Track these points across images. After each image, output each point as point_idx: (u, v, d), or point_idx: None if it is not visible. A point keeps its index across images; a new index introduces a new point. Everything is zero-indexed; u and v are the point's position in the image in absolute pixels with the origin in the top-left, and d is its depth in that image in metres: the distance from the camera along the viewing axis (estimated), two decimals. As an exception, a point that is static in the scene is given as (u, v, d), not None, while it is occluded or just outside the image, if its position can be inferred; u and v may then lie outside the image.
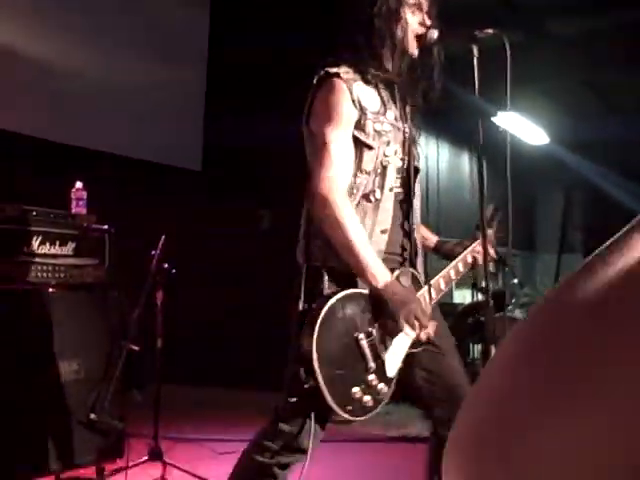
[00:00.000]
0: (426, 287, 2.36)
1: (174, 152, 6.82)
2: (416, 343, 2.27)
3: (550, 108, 9.71)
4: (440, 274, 2.43)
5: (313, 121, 2.30)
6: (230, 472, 2.35)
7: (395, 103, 2.41)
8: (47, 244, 3.72)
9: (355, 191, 2.28)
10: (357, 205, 2.28)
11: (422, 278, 2.41)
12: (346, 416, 2.08)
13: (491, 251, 2.53)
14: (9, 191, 4.56)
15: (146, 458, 3.94)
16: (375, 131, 2.29)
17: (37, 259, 3.67)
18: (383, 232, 2.34)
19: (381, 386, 2.16)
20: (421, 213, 2.50)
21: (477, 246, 2.52)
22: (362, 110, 2.27)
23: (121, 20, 6.34)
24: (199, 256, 6.43)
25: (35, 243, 3.68)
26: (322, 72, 2.30)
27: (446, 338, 2.45)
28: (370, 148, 2.29)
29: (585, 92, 9.40)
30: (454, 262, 2.47)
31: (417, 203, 2.48)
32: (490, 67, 2.25)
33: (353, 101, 2.26)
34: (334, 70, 2.29)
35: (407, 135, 2.44)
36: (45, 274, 3.70)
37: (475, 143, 2.27)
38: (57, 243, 3.77)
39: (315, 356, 2.03)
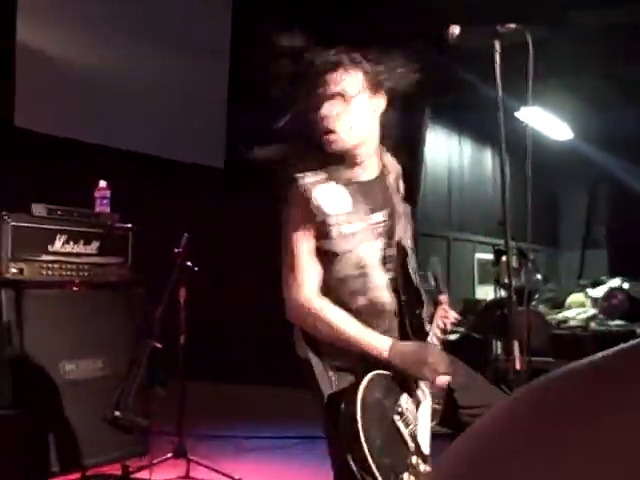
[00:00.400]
0: (431, 334, 2.32)
1: (197, 150, 6.85)
2: (434, 414, 2.23)
3: (574, 103, 9.62)
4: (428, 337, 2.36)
5: (283, 228, 2.29)
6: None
7: (372, 197, 2.31)
8: (71, 243, 3.76)
9: (343, 297, 2.22)
10: (349, 311, 2.20)
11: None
12: None
13: (452, 315, 2.48)
14: (34, 190, 4.61)
15: (170, 455, 3.97)
16: (345, 234, 2.21)
17: (61, 257, 3.71)
18: (388, 329, 2.26)
19: (423, 467, 2.11)
20: (444, 209, 2.48)
21: (440, 312, 2.46)
22: (325, 216, 2.20)
23: (141, 17, 6.37)
24: (222, 254, 6.45)
25: (59, 242, 3.72)
26: (289, 177, 2.27)
27: (462, 370, 2.42)
28: (341, 254, 2.21)
29: (609, 86, 9.32)
30: (432, 327, 2.39)
31: (415, 284, 2.38)
32: (513, 62, 2.24)
33: (312, 209, 2.20)
34: (297, 175, 2.25)
35: (390, 224, 2.34)
36: (70, 272, 3.75)
37: (497, 139, 2.25)
38: (81, 242, 3.81)
39: (367, 452, 1.96)
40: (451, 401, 2.28)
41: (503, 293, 6.92)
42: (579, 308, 8.11)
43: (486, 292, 9.43)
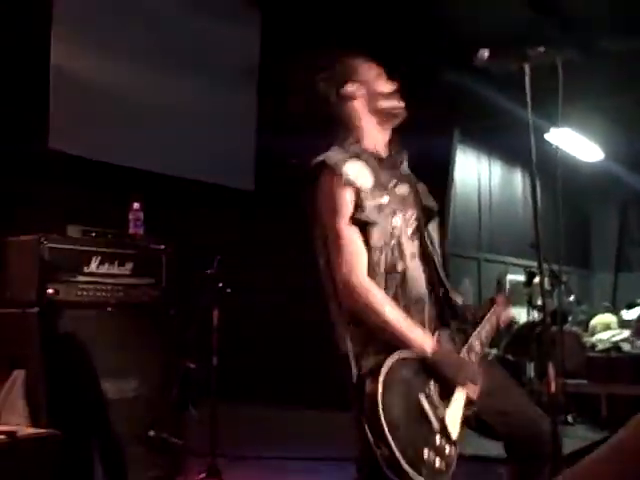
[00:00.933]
0: (466, 347, 2.33)
1: (227, 172, 6.91)
2: (469, 403, 2.25)
3: (604, 124, 9.58)
4: (472, 336, 2.38)
5: (320, 215, 2.34)
6: None
7: (391, 171, 2.43)
8: (106, 264, 3.82)
9: (376, 268, 2.28)
10: (383, 281, 2.28)
11: (457, 335, 2.37)
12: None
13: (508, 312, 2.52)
14: (70, 212, 4.68)
15: (204, 476, 3.99)
16: (374, 207, 2.30)
17: (96, 278, 3.76)
18: (417, 302, 2.33)
19: (448, 448, 2.12)
20: (474, 230, 2.49)
21: (497, 309, 2.51)
22: (357, 190, 2.29)
23: (174, 40, 6.47)
24: (253, 275, 6.49)
25: (94, 263, 3.77)
26: (315, 161, 2.34)
27: (499, 375, 2.44)
28: (376, 224, 2.29)
29: (638, 107, 9.27)
30: (483, 324, 2.43)
31: (438, 254, 2.45)
32: (543, 84, 2.25)
33: (346, 185, 2.28)
34: (321, 158, 2.33)
35: (414, 195, 2.44)
36: (104, 293, 3.79)
37: (527, 160, 2.26)
38: (115, 263, 3.86)
39: (384, 422, 1.98)
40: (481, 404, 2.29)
41: (535, 315, 6.88)
42: (610, 330, 8.03)
43: (518, 314, 9.36)
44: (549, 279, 7.32)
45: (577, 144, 9.78)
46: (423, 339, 2.20)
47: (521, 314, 8.76)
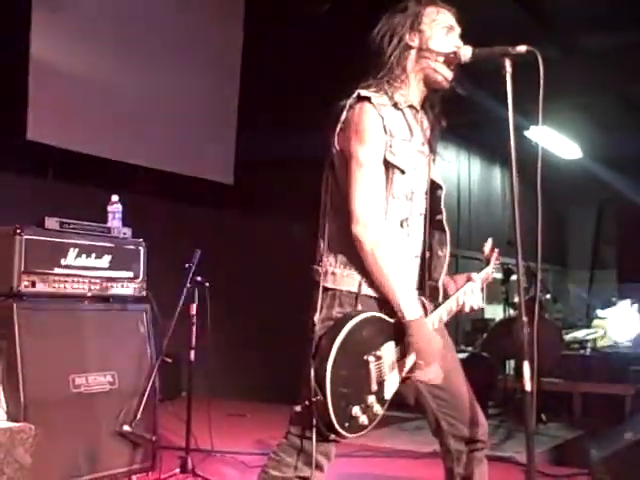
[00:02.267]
0: (433, 316, 2.38)
1: (207, 165, 6.89)
2: (413, 368, 2.30)
3: (584, 123, 9.66)
4: (441, 307, 2.43)
5: (346, 143, 2.30)
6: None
7: (420, 128, 2.44)
8: (83, 256, 3.79)
9: (389, 217, 2.30)
10: (393, 231, 2.31)
11: (429, 306, 2.43)
12: (342, 432, 2.14)
13: (478, 298, 2.54)
14: (48, 204, 4.64)
15: (178, 470, 3.97)
16: (404, 156, 2.32)
17: (74, 271, 3.73)
18: (416, 257, 2.41)
19: (377, 407, 2.21)
20: (452, 227, 2.51)
21: (467, 292, 2.51)
22: (391, 136, 2.29)
23: (155, 34, 6.43)
24: (232, 269, 6.47)
25: (72, 255, 3.74)
26: (354, 95, 2.32)
27: (450, 355, 2.46)
28: (402, 172, 2.31)
29: (618, 107, 9.34)
30: (450, 300, 2.46)
31: (444, 222, 2.49)
32: (524, 81, 2.26)
33: (384, 127, 2.28)
34: (365, 94, 2.30)
35: (431, 158, 2.47)
36: (81, 286, 3.76)
37: (507, 157, 2.26)
38: (93, 256, 3.83)
39: (329, 373, 2.09)
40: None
41: (512, 312, 6.92)
42: (585, 329, 8.09)
43: (495, 311, 9.41)
44: (526, 277, 7.37)
45: (556, 142, 9.85)
46: (409, 306, 2.23)
47: (497, 311, 8.82)
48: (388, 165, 2.29)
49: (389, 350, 2.25)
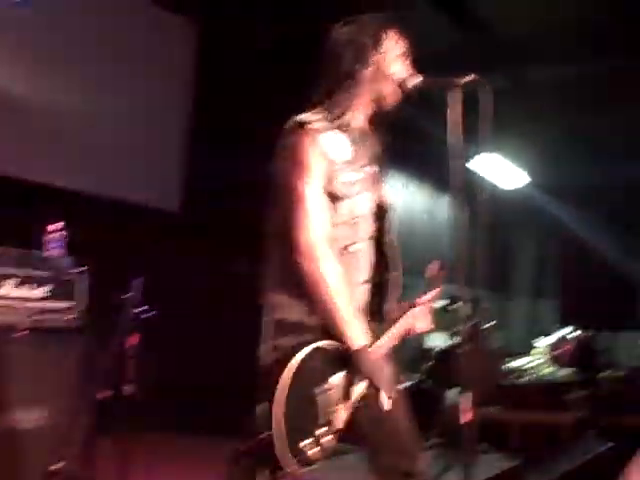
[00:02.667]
0: (381, 341, 2.34)
1: (151, 192, 6.78)
2: (361, 396, 2.28)
3: (531, 152, 9.82)
4: (389, 332, 2.40)
5: (286, 173, 2.28)
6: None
7: (365, 149, 2.42)
8: (21, 287, 3.67)
9: (333, 244, 2.27)
10: (337, 258, 2.27)
11: (377, 332, 2.38)
12: (294, 467, 2.10)
13: (423, 322, 2.53)
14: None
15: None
16: (346, 182, 2.29)
17: (10, 302, 3.61)
18: (364, 283, 2.39)
19: (327, 439, 2.18)
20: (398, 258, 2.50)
21: (415, 315, 2.51)
22: (331, 162, 2.27)
23: (101, 55, 6.32)
24: (175, 299, 6.34)
25: (8, 285, 3.62)
26: (293, 120, 2.30)
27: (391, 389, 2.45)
28: (345, 198, 2.29)
29: (565, 137, 9.53)
30: (394, 328, 2.43)
31: (394, 243, 2.49)
32: (472, 110, 2.25)
33: (323, 154, 2.26)
34: (304, 119, 2.28)
35: (377, 180, 2.46)
36: (18, 317, 3.64)
37: (453, 186, 2.27)
38: (31, 286, 3.72)
39: (277, 408, 2.06)
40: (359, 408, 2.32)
41: (456, 340, 6.93)
42: (524, 357, 8.16)
43: (438, 339, 9.42)
44: (469, 305, 7.41)
45: (503, 170, 9.97)
46: (356, 333, 2.21)
47: (441, 339, 8.84)
48: (329, 193, 2.27)
49: (338, 380, 2.22)
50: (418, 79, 2.34)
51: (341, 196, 2.28)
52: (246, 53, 6.82)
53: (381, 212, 2.45)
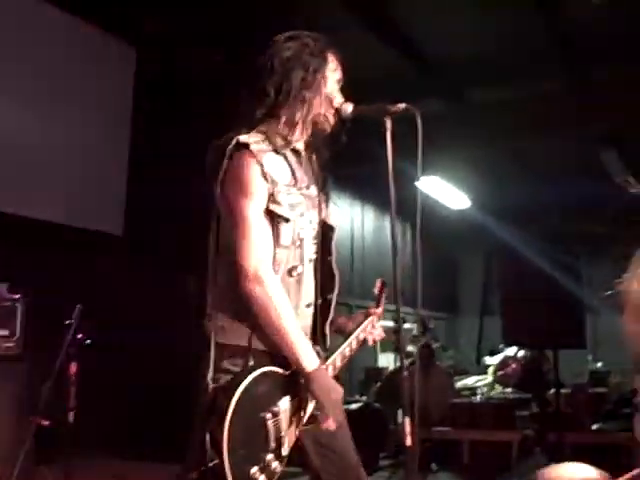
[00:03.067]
0: (328, 362, 2.35)
1: (96, 216, 6.69)
2: (307, 420, 2.27)
3: (472, 174, 9.96)
4: (337, 352, 2.42)
5: (228, 195, 2.25)
6: None
7: (306, 171, 2.41)
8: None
9: (277, 267, 2.25)
10: (281, 281, 2.26)
11: (322, 353, 2.38)
12: None
13: (379, 330, 2.59)
14: None
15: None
16: (288, 204, 2.27)
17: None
18: (308, 306, 2.36)
19: (275, 464, 2.14)
20: (346, 276, 2.52)
21: (368, 325, 2.56)
22: (273, 183, 2.25)
23: (42, 83, 6.25)
24: (120, 324, 6.25)
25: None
26: (234, 141, 2.26)
27: (339, 410, 2.44)
28: (286, 221, 2.27)
29: (505, 159, 9.69)
30: (349, 340, 2.47)
31: (334, 266, 2.47)
32: (415, 133, 2.26)
33: (264, 175, 2.24)
34: (245, 140, 2.25)
35: (319, 201, 2.43)
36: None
37: (399, 207, 2.29)
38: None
39: (225, 436, 2.01)
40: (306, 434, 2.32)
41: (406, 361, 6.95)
42: (473, 376, 8.22)
43: (388, 360, 9.47)
44: (418, 326, 7.45)
45: (446, 192, 10.10)
46: (307, 356, 2.19)
47: (390, 359, 8.88)
48: (272, 215, 2.25)
49: (285, 405, 2.20)
50: (350, 107, 2.34)
51: (284, 218, 2.25)
52: (183, 79, 6.81)
53: (324, 234, 2.43)
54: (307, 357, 2.19)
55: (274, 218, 2.25)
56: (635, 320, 3.20)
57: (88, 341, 3.87)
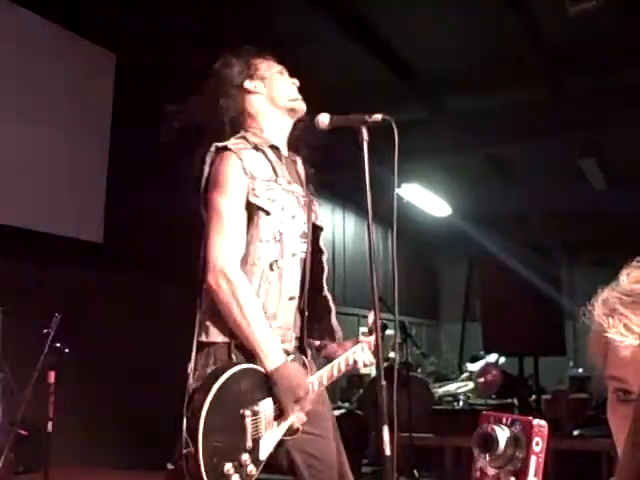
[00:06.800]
0: (314, 377, 2.35)
1: (76, 224, 6.65)
2: (291, 429, 2.26)
3: (453, 181, 10.00)
4: (323, 369, 2.42)
5: (208, 194, 2.31)
6: None
7: (287, 168, 2.47)
8: None
9: (257, 261, 2.28)
10: (262, 275, 2.28)
11: (312, 365, 2.42)
12: None
13: (369, 354, 2.58)
14: None
15: None
16: (268, 198, 2.31)
17: None
18: (291, 299, 2.38)
19: (251, 467, 2.13)
20: (328, 282, 2.54)
21: (358, 349, 2.56)
22: (253, 178, 2.30)
23: (22, 92, 6.21)
24: (100, 332, 6.21)
25: None
26: (212, 148, 2.34)
27: (325, 422, 2.44)
28: (267, 214, 2.30)
29: (485, 166, 9.73)
30: (337, 361, 2.48)
31: (325, 263, 2.55)
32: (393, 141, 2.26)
33: (244, 169, 2.29)
34: (223, 144, 2.33)
35: (303, 198, 2.48)
36: None
37: (380, 214, 2.31)
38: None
39: (201, 424, 2.01)
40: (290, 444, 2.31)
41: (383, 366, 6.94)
42: (455, 382, 8.23)
43: (370, 367, 9.44)
44: (399, 332, 7.44)
45: (427, 200, 10.13)
46: (271, 352, 2.19)
47: (372, 367, 8.87)
48: (252, 207, 2.28)
49: (267, 406, 2.19)
50: (327, 118, 2.34)
51: (265, 210, 2.29)
52: (165, 83, 6.80)
53: (312, 234, 2.48)
54: (270, 354, 2.19)
55: (254, 211, 2.29)
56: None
57: (67, 350, 3.85)
